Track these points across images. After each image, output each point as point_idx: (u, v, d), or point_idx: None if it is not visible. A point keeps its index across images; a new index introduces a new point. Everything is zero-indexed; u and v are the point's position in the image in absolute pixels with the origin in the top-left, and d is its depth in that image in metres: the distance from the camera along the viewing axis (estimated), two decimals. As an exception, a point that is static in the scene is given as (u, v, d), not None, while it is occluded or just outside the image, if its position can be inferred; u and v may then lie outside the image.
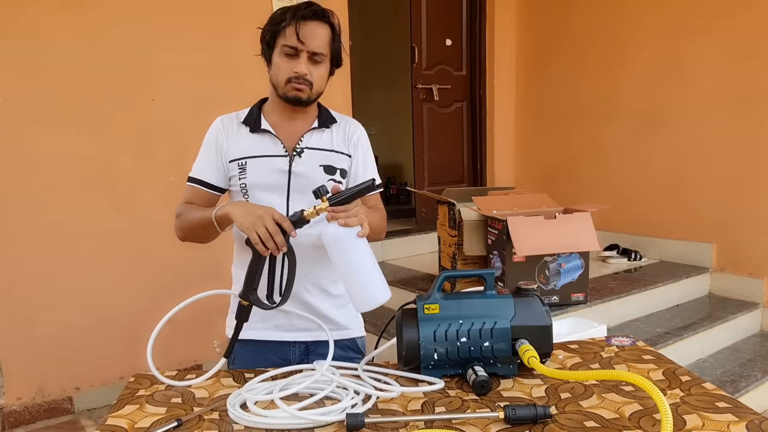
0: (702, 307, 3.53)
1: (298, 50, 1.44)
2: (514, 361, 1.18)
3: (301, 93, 1.48)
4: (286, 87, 1.47)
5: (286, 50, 1.44)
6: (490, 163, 4.86)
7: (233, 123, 1.55)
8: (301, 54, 1.44)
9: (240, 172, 1.49)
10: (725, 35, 3.54)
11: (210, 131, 1.56)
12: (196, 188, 1.53)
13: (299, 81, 1.46)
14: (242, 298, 1.26)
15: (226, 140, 1.52)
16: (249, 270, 1.25)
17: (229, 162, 1.51)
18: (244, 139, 1.52)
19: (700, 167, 3.72)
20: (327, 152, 1.54)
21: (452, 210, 3.11)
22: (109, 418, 1.06)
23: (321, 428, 0.99)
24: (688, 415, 0.99)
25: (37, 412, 2.93)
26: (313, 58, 1.46)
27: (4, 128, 2.76)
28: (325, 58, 1.48)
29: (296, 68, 1.44)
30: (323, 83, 1.52)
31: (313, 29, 1.44)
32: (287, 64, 1.45)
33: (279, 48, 1.46)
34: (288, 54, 1.45)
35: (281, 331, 1.54)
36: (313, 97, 1.51)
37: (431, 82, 4.58)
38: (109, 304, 3.03)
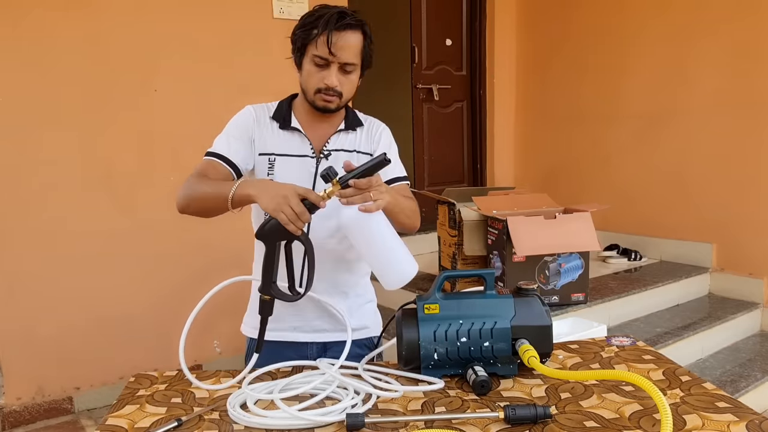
0: (702, 307, 3.52)
1: (330, 62, 1.41)
2: (514, 361, 1.18)
3: (330, 104, 1.47)
4: (315, 96, 1.46)
5: (316, 60, 1.41)
6: (490, 163, 4.86)
7: (265, 115, 1.54)
8: (332, 65, 1.42)
9: (269, 168, 1.49)
10: (727, 39, 3.53)
11: (242, 116, 1.54)
12: (216, 162, 1.48)
13: (329, 93, 1.44)
14: (262, 292, 1.23)
15: (258, 131, 1.52)
16: (265, 263, 1.22)
17: (258, 155, 1.51)
18: (275, 135, 1.52)
19: (700, 168, 3.72)
20: (350, 153, 1.55)
21: (452, 210, 3.11)
22: (110, 418, 1.06)
23: (321, 428, 0.99)
24: (688, 415, 0.99)
25: (37, 412, 2.93)
26: (343, 68, 1.44)
27: (7, 128, 2.76)
28: (355, 68, 1.46)
29: (326, 80, 1.42)
30: (353, 90, 1.51)
31: (345, 40, 1.40)
32: (317, 74, 1.43)
33: (310, 56, 1.43)
34: (318, 64, 1.42)
35: (298, 332, 1.55)
36: (342, 104, 1.51)
37: (431, 82, 4.58)
38: (109, 304, 3.03)
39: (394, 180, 1.59)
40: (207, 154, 1.51)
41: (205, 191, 1.39)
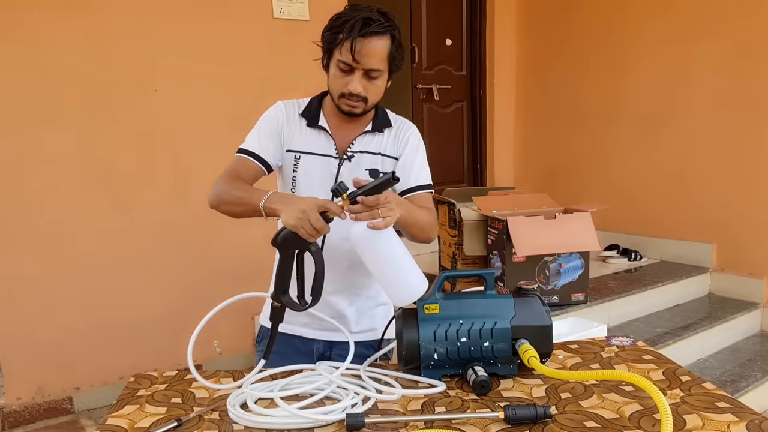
0: (702, 307, 3.53)
1: (353, 68, 1.40)
2: (514, 361, 1.18)
3: (355, 109, 1.46)
4: (339, 101, 1.45)
5: (341, 65, 1.40)
6: (490, 163, 4.86)
7: (294, 111, 1.55)
8: (356, 71, 1.40)
9: (294, 165, 1.51)
10: (727, 39, 3.53)
11: (273, 113, 1.55)
12: (248, 160, 1.50)
13: (352, 98, 1.43)
14: (274, 299, 1.24)
15: (287, 127, 1.53)
16: (279, 271, 1.23)
17: (286, 151, 1.53)
18: (302, 133, 1.53)
19: (700, 168, 3.72)
20: (375, 155, 1.54)
21: (452, 210, 3.11)
22: (109, 418, 1.06)
23: (321, 428, 0.99)
24: (688, 415, 0.99)
25: (37, 412, 2.93)
26: (368, 74, 1.42)
27: (7, 129, 2.76)
28: (381, 73, 1.43)
29: (350, 86, 1.41)
30: (379, 94, 1.49)
31: (370, 47, 1.37)
32: (342, 79, 1.42)
33: (335, 60, 1.41)
34: (342, 69, 1.41)
35: (308, 328, 1.59)
36: (368, 108, 1.49)
37: (431, 82, 4.58)
38: (109, 305, 3.03)
39: (416, 188, 1.56)
40: (239, 151, 1.52)
41: (235, 196, 1.41)
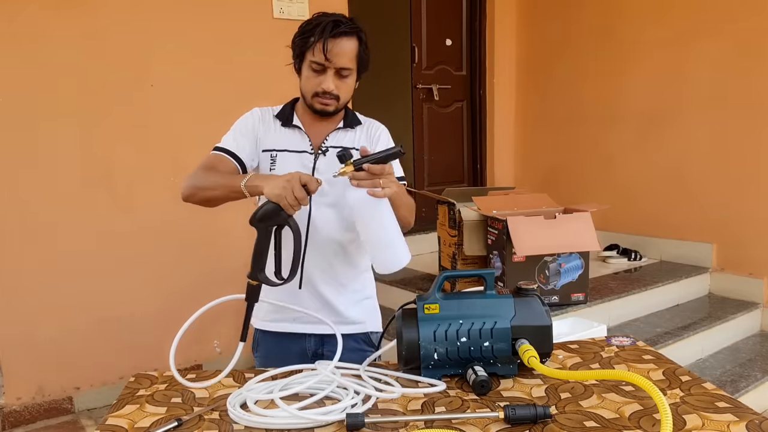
0: (702, 307, 3.53)
1: (326, 67, 1.49)
2: (514, 361, 1.18)
3: (328, 107, 1.55)
4: (312, 100, 1.54)
5: (313, 66, 1.49)
6: (490, 163, 4.86)
7: (269, 115, 1.63)
8: (328, 70, 1.50)
9: (271, 163, 1.57)
10: (727, 38, 3.53)
11: (248, 116, 1.63)
12: (223, 157, 1.55)
13: (325, 96, 1.52)
14: (250, 278, 1.26)
15: (263, 129, 1.60)
16: (257, 249, 1.25)
17: (262, 151, 1.59)
18: (277, 132, 1.60)
19: (700, 168, 3.72)
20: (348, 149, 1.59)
21: (452, 210, 3.11)
22: (110, 418, 1.06)
23: (321, 428, 0.99)
24: (688, 415, 0.99)
25: (37, 411, 2.93)
26: (339, 73, 1.51)
27: (5, 128, 2.76)
28: (351, 72, 1.53)
29: (323, 84, 1.50)
30: (350, 93, 1.59)
31: (340, 47, 1.48)
32: (315, 79, 1.51)
33: (307, 62, 1.51)
34: (315, 69, 1.50)
35: (298, 323, 1.61)
36: (340, 107, 1.59)
37: (431, 82, 4.58)
38: (109, 304, 3.03)
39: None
40: (215, 149, 1.58)
41: (213, 181, 1.46)
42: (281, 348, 1.62)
